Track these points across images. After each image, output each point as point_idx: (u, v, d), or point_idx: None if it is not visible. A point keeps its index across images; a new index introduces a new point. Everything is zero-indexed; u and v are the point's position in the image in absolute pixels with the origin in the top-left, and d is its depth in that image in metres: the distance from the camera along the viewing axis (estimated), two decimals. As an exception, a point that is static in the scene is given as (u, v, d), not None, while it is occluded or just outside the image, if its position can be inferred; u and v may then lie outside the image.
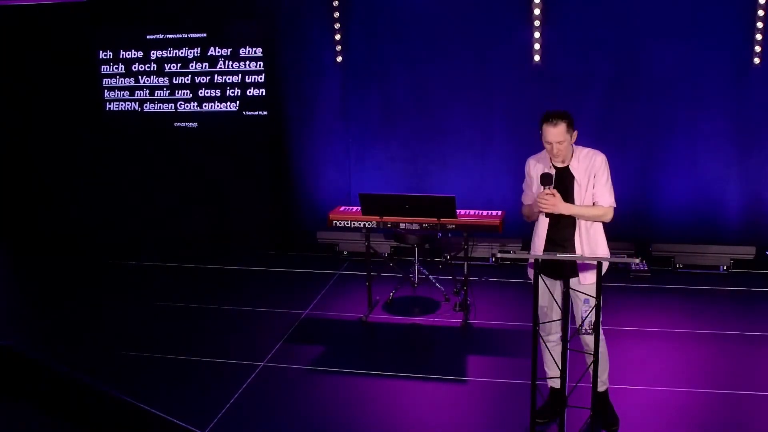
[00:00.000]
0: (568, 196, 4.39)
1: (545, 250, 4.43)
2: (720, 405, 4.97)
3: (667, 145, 7.41)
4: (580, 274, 4.44)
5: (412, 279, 6.85)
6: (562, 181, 4.40)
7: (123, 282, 7.66)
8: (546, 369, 4.73)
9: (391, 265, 7.18)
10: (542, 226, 4.49)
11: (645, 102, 7.33)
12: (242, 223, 8.46)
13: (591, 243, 4.43)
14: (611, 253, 4.56)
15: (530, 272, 4.52)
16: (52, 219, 8.91)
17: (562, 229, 4.44)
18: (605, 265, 4.42)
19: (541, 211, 4.43)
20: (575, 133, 4.37)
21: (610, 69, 7.32)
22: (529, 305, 4.23)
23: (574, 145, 4.43)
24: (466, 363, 5.77)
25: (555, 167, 4.44)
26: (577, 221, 4.41)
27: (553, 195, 4.31)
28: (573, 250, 4.40)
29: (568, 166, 4.42)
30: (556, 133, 4.27)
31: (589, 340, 4.43)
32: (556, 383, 4.50)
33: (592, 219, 4.42)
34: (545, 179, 4.33)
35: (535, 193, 4.48)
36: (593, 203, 4.42)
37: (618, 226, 4.52)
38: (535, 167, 4.54)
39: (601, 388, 4.71)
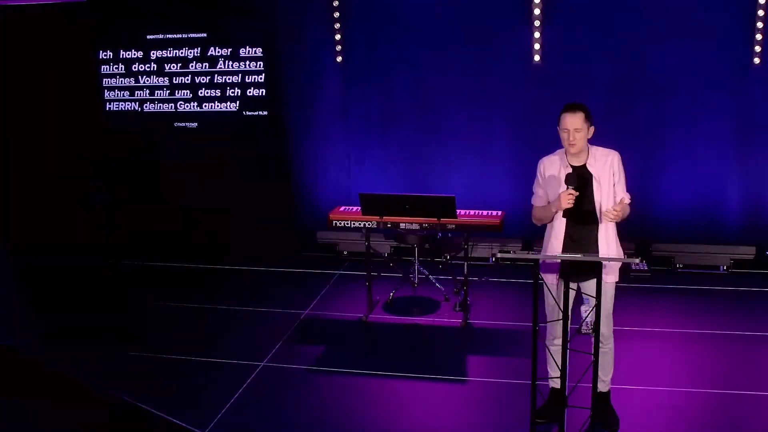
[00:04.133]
0: (586, 194, 4.34)
1: (565, 250, 4.37)
2: (720, 405, 4.97)
3: (667, 145, 7.40)
4: (604, 274, 4.39)
5: (412, 279, 6.84)
6: (580, 179, 4.33)
7: (123, 282, 7.65)
8: (549, 369, 4.70)
9: (391, 265, 7.18)
10: (559, 225, 4.42)
11: (645, 102, 7.33)
12: (242, 223, 8.45)
13: (612, 241, 4.43)
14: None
15: (547, 277, 4.50)
16: (51, 219, 8.89)
17: (585, 228, 4.40)
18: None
19: (558, 210, 4.35)
20: (592, 129, 4.36)
21: (611, 69, 7.32)
22: (529, 305, 4.22)
23: (589, 144, 4.41)
24: (466, 363, 5.77)
25: (572, 166, 4.40)
26: (599, 219, 4.38)
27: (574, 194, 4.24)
28: (597, 249, 4.37)
29: (585, 165, 4.39)
30: (574, 120, 4.27)
31: (604, 338, 4.49)
32: (557, 383, 4.50)
33: (625, 216, 4.43)
34: (570, 179, 4.27)
35: (553, 195, 4.42)
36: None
37: (618, 225, 4.52)
38: (550, 167, 4.47)
39: (604, 389, 4.70)
